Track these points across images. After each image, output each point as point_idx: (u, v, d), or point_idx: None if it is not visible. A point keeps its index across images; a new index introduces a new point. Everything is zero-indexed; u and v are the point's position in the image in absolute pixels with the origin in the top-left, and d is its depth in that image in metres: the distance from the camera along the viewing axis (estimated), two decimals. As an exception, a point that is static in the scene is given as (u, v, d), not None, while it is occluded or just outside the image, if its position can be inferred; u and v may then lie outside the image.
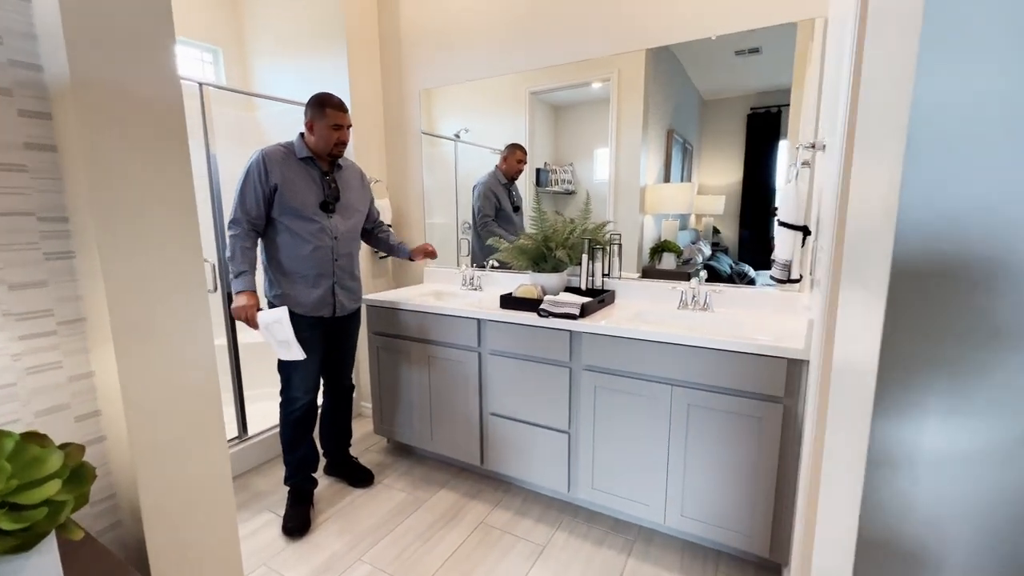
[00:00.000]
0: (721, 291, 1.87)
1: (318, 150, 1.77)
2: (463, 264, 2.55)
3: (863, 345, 0.45)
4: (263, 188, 1.71)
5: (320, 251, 1.79)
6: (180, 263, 0.82)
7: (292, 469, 1.90)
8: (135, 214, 0.76)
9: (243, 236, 1.74)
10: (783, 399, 1.40)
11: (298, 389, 1.85)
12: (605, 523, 1.82)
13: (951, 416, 0.37)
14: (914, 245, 0.36)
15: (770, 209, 1.90)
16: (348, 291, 1.91)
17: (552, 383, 1.79)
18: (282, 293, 1.80)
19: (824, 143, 1.35)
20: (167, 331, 0.81)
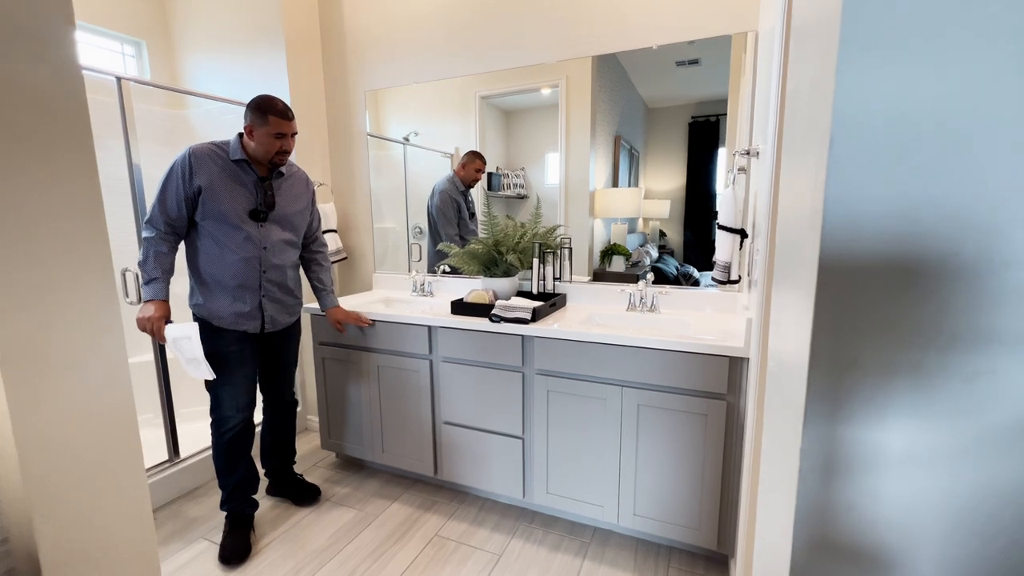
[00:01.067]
0: (667, 293, 1.93)
1: (256, 156, 1.64)
2: (414, 270, 2.49)
3: (794, 344, 0.46)
4: (186, 189, 1.58)
5: (246, 262, 1.65)
6: (85, 276, 0.74)
7: (228, 493, 1.76)
8: (28, 222, 0.68)
9: (158, 240, 1.59)
10: (726, 396, 1.45)
11: (229, 408, 1.72)
12: (561, 527, 1.82)
13: (880, 414, 0.38)
14: (838, 247, 0.37)
15: (711, 213, 1.98)
16: (280, 304, 1.77)
17: (505, 389, 1.77)
18: (202, 304, 1.67)
19: (758, 150, 1.41)
20: (69, 352, 0.72)
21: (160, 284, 1.59)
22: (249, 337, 1.73)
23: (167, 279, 1.62)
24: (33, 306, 0.69)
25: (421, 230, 2.54)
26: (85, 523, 0.75)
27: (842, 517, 0.40)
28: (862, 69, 0.35)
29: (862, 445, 0.39)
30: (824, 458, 0.40)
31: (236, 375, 1.71)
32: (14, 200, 0.67)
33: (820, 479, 0.40)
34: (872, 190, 0.35)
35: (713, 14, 1.77)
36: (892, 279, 0.35)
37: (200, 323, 1.65)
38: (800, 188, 0.49)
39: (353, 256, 2.68)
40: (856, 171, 0.36)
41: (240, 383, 1.73)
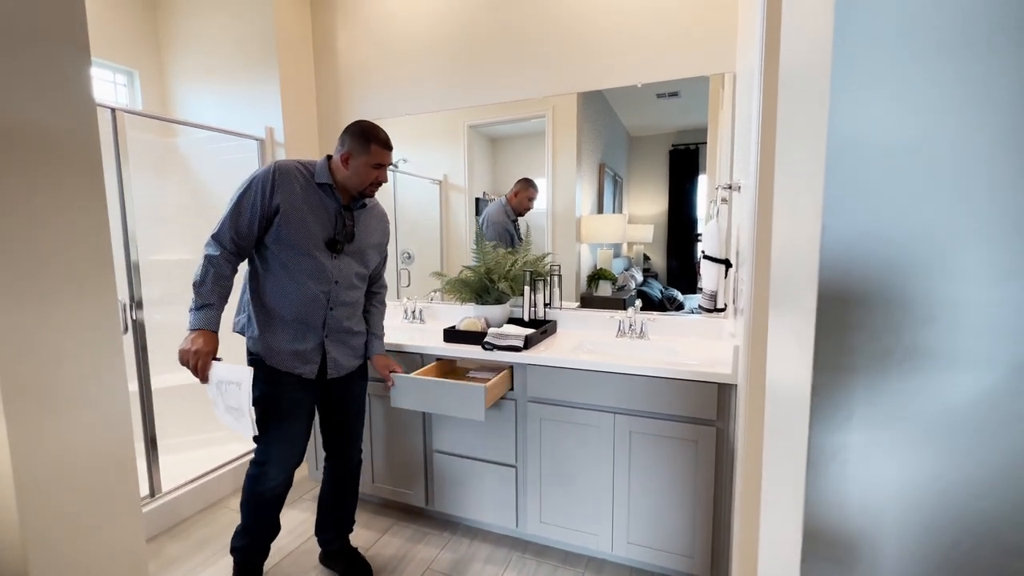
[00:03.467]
0: (655, 319, 1.97)
1: (347, 184, 1.50)
2: (404, 296, 2.50)
3: (795, 370, 0.49)
4: (263, 206, 1.42)
5: (313, 295, 1.48)
6: (92, 314, 0.74)
7: (244, 543, 1.57)
8: (38, 262, 0.68)
9: (222, 260, 1.40)
10: (716, 422, 1.49)
11: (276, 467, 1.50)
12: (555, 557, 1.81)
13: (883, 434, 0.41)
14: (836, 275, 0.41)
15: (693, 235, 2.06)
16: (344, 347, 1.59)
17: (498, 416, 1.78)
18: (257, 337, 1.48)
19: (740, 184, 1.49)
20: (73, 392, 0.72)
21: (214, 312, 1.39)
22: (307, 383, 1.53)
23: (221, 307, 1.42)
24: (39, 346, 0.69)
25: (410, 256, 2.56)
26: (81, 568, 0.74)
27: (849, 549, 0.43)
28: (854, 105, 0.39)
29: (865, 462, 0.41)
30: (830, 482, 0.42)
31: (291, 428, 1.52)
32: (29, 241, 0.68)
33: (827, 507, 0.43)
34: (862, 221, 0.39)
35: (693, 56, 1.87)
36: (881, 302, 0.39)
37: (254, 362, 1.48)
38: (796, 219, 0.53)
39: (343, 283, 2.68)
40: (848, 203, 0.40)
41: (294, 438, 1.53)
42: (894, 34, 0.38)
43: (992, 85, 0.36)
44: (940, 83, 0.37)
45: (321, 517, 1.73)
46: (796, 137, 0.55)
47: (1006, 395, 0.38)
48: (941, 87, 0.37)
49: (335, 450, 1.68)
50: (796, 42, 0.58)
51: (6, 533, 0.69)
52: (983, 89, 0.36)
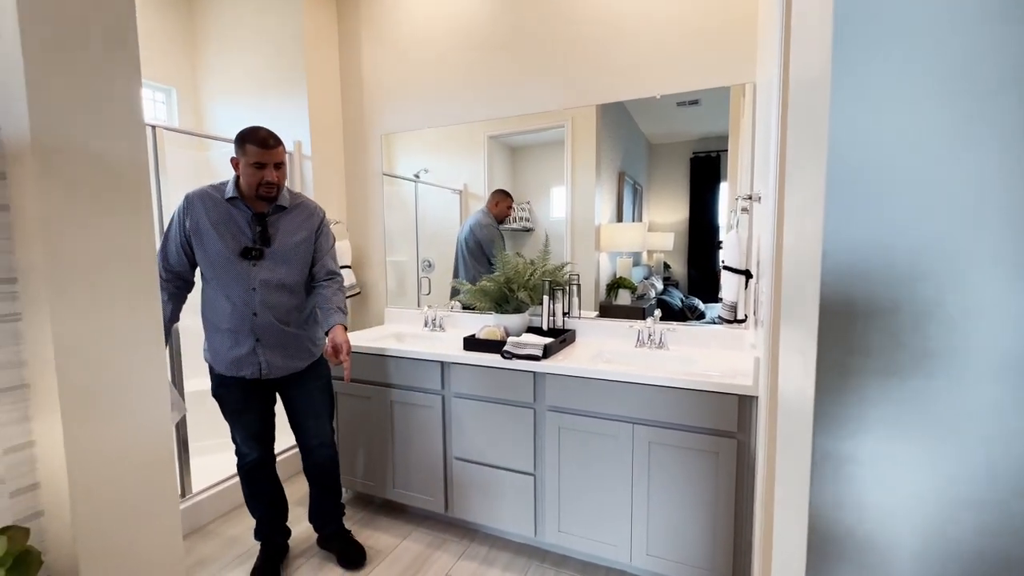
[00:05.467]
0: (674, 329, 1.97)
1: (245, 191, 1.58)
2: (425, 304, 2.54)
3: (800, 383, 0.50)
4: (182, 234, 1.58)
5: (235, 304, 1.58)
6: (137, 324, 0.80)
7: (257, 522, 1.81)
8: (92, 275, 0.74)
9: (161, 288, 1.55)
10: (736, 434, 1.47)
11: (244, 446, 1.74)
12: (573, 567, 1.81)
13: (887, 446, 0.42)
14: (838, 285, 0.42)
15: (714, 244, 2.05)
16: (280, 350, 1.65)
17: (517, 425, 1.79)
18: (206, 348, 1.67)
19: (760, 195, 1.48)
20: (120, 395, 0.77)
21: None
22: (250, 384, 1.66)
23: (166, 328, 1.57)
24: (94, 353, 0.74)
25: (430, 264, 2.61)
26: (125, 561, 0.78)
27: (854, 556, 0.44)
28: (854, 119, 0.41)
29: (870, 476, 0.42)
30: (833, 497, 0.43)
31: (243, 419, 1.70)
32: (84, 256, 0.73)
33: (831, 524, 0.44)
34: (862, 232, 0.41)
35: (713, 67, 1.88)
36: (882, 312, 0.40)
37: (210, 368, 1.68)
38: (800, 230, 0.54)
39: (366, 291, 2.75)
40: (849, 215, 0.41)
41: (247, 425, 1.71)
42: (892, 44, 0.40)
43: (992, 96, 0.37)
44: (941, 94, 0.38)
45: (309, 506, 1.90)
46: (802, 148, 0.56)
47: (1013, 403, 0.38)
48: (942, 98, 0.38)
49: (300, 444, 1.83)
50: (802, 55, 0.59)
51: (59, 526, 0.74)
52: (986, 103, 0.37)
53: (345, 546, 1.85)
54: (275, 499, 1.81)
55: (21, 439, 0.74)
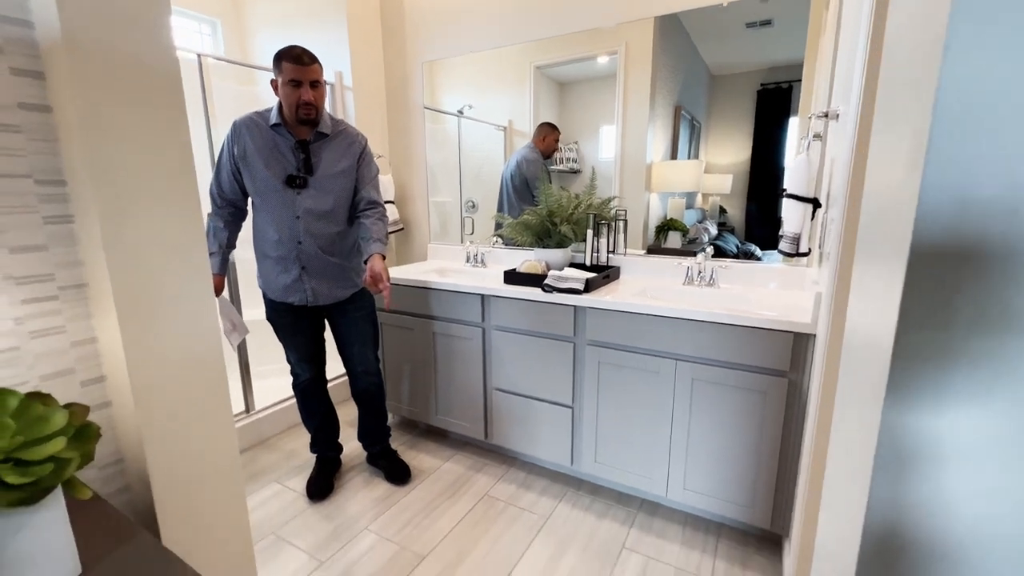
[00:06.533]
0: (728, 267, 1.85)
1: (287, 115, 1.56)
2: (467, 241, 2.53)
3: (877, 324, 0.44)
4: (231, 163, 1.60)
5: (282, 232, 1.62)
6: (180, 230, 0.81)
7: (312, 436, 1.95)
8: (133, 177, 0.75)
9: (214, 216, 1.65)
10: (788, 373, 1.40)
11: (297, 367, 1.84)
12: (608, 496, 1.84)
13: (969, 405, 0.35)
14: (936, 225, 0.35)
15: (778, 189, 1.87)
16: (326, 278, 1.70)
17: (556, 358, 1.79)
18: (259, 275, 1.73)
19: (838, 112, 1.31)
20: (169, 298, 0.80)
21: (216, 259, 1.65)
22: (299, 309, 1.73)
23: (223, 253, 1.67)
24: (142, 257, 0.77)
25: (474, 204, 2.56)
26: (184, 450, 0.85)
27: (917, 510, 0.38)
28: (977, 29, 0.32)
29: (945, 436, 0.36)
30: (903, 448, 0.38)
31: (294, 341, 1.79)
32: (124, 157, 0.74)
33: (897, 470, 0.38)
34: (978, 168, 0.33)
35: (793, -36, 1.63)
36: (990, 264, 0.33)
37: (263, 294, 1.75)
38: (893, 157, 0.45)
39: (409, 227, 2.76)
40: (961, 146, 0.33)
41: (299, 347, 1.80)
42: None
43: None
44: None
45: (358, 427, 2.00)
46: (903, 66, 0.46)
47: None
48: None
49: (347, 370, 1.90)
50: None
51: (125, 414, 0.80)
52: None
53: (391, 464, 1.97)
54: (327, 417, 1.93)
55: (86, 335, 0.80)
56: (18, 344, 0.72)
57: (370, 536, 1.64)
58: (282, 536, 1.65)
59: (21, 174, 0.71)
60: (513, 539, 1.62)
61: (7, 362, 0.71)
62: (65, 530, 0.54)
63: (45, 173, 0.73)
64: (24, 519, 0.51)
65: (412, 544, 1.60)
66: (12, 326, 0.72)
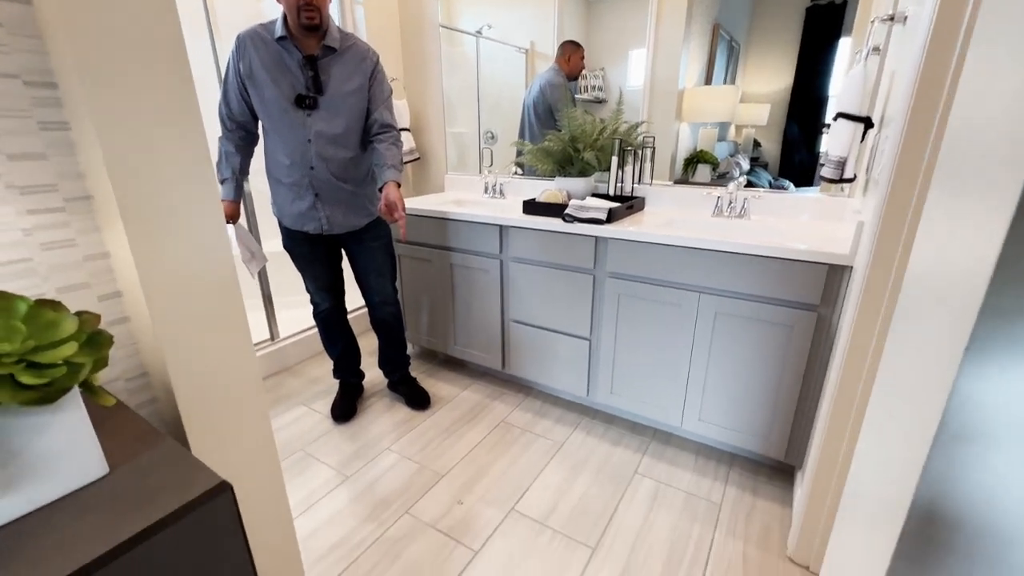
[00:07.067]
0: (761, 197, 1.74)
1: (291, 25, 1.45)
2: (485, 171, 2.44)
3: (960, 270, 0.37)
4: (238, 79, 1.50)
5: (293, 156, 1.55)
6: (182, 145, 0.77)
7: (334, 363, 1.99)
8: (124, 77, 0.70)
9: (224, 140, 1.58)
10: (818, 307, 1.34)
11: (314, 295, 1.84)
12: (622, 426, 1.88)
13: None
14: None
15: (820, 120, 1.72)
16: (340, 205, 1.65)
17: (575, 290, 1.76)
18: (273, 200, 1.68)
19: (906, 14, 1.15)
20: (176, 211, 0.78)
21: (229, 185, 1.60)
22: (315, 238, 1.70)
23: (236, 179, 1.61)
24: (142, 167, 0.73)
25: (493, 135, 2.44)
26: (204, 362, 0.86)
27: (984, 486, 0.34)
28: None
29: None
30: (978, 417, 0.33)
31: (312, 270, 1.77)
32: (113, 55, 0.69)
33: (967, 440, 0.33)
34: None
35: None
36: None
37: (278, 222, 1.72)
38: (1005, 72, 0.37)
39: (426, 157, 2.66)
40: None
41: (317, 276, 1.78)
42: None
43: None
44: None
45: (378, 355, 2.04)
46: None
47: None
48: None
49: (365, 300, 1.90)
50: None
51: (144, 329, 0.81)
52: None
53: (411, 390, 2.03)
54: (348, 345, 1.96)
55: (97, 249, 0.78)
56: (30, 256, 0.71)
57: (392, 455, 1.72)
58: (310, 453, 1.74)
59: (9, 73, 0.67)
60: (529, 462, 1.68)
61: (22, 273, 0.71)
62: (88, 432, 0.55)
63: (34, 74, 0.69)
64: (46, 420, 0.52)
65: (432, 464, 1.68)
66: (21, 237, 0.70)
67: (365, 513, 1.47)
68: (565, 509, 1.48)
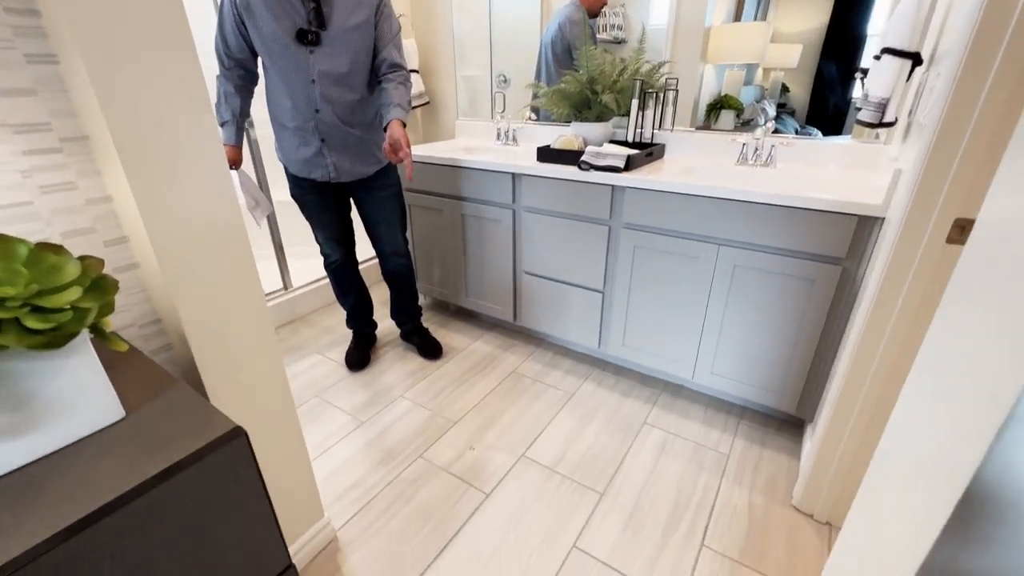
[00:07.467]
0: (789, 143, 1.65)
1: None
2: (497, 117, 2.33)
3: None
4: (234, 11, 1.41)
5: (297, 98, 1.48)
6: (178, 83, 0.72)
7: (347, 314, 2.00)
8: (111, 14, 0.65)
9: (223, 79, 1.50)
10: (843, 261, 1.29)
11: (324, 246, 1.81)
12: (633, 377, 1.89)
13: None
14: None
15: (854, 64, 1.59)
16: (344, 152, 1.59)
17: (589, 242, 1.71)
18: (278, 147, 1.62)
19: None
20: (176, 153, 0.75)
21: (230, 129, 1.53)
22: (322, 186, 1.65)
23: (237, 122, 1.54)
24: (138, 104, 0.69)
25: (505, 78, 2.31)
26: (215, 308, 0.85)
27: None
28: None
29: None
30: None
31: (320, 219, 1.73)
32: None
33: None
34: None
35: None
36: None
37: (285, 169, 1.66)
38: None
39: (435, 101, 2.55)
40: None
41: (326, 226, 1.74)
42: None
43: None
44: None
45: (390, 306, 2.04)
46: None
47: None
48: None
49: (376, 251, 1.87)
50: None
51: (153, 275, 0.80)
52: None
53: (424, 340, 2.05)
54: (360, 296, 1.96)
55: (99, 192, 0.76)
56: (30, 199, 0.69)
57: (405, 402, 1.76)
58: (325, 399, 1.79)
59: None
60: (539, 411, 1.71)
61: (23, 216, 0.69)
62: (100, 377, 0.55)
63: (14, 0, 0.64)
64: (57, 364, 0.51)
65: (444, 411, 1.71)
66: (19, 179, 0.68)
67: (380, 456, 1.52)
68: (574, 456, 1.51)
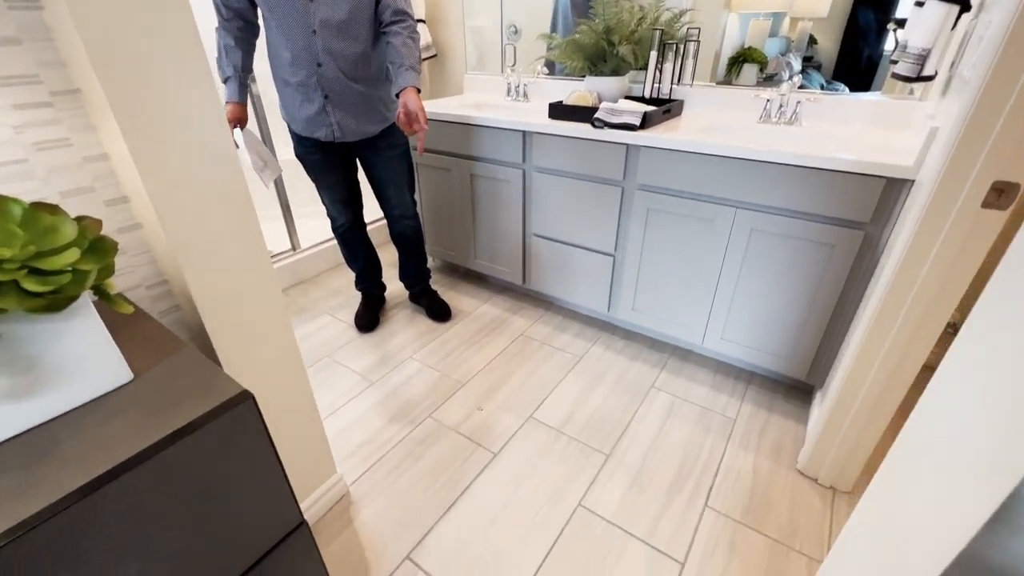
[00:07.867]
0: (816, 99, 1.56)
1: None
2: (507, 71, 2.23)
3: None
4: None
5: (298, 51, 1.41)
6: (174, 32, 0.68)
7: (356, 276, 2.00)
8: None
9: (223, 28, 1.43)
10: (866, 225, 1.24)
11: (333, 208, 1.78)
12: (642, 342, 1.88)
13: None
14: None
15: (889, 15, 1.47)
16: (349, 110, 1.52)
17: (601, 204, 1.66)
18: (281, 104, 1.56)
19: None
20: (172, 109, 0.71)
21: (233, 84, 1.48)
22: (327, 146, 1.60)
23: (239, 78, 1.49)
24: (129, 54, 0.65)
25: (516, 29, 2.18)
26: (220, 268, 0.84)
27: None
28: None
29: None
30: None
31: (326, 180, 1.69)
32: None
33: None
34: None
35: None
36: None
37: (289, 128, 1.61)
38: None
39: (443, 54, 2.44)
40: None
41: (332, 187, 1.71)
42: None
43: None
44: None
45: (399, 268, 2.03)
46: None
47: None
48: None
49: (384, 213, 1.85)
50: None
51: (156, 235, 0.78)
52: None
53: (432, 302, 2.04)
54: (369, 258, 1.95)
55: (95, 150, 0.74)
56: (25, 156, 0.67)
57: (415, 363, 1.78)
58: (335, 359, 1.81)
59: (-41, -65, 0.58)
60: (547, 373, 1.72)
61: (18, 175, 0.67)
62: (105, 339, 0.55)
63: (-12, -64, 0.59)
64: (60, 327, 0.51)
65: (453, 372, 1.73)
66: (12, 135, 0.66)
67: (390, 415, 1.54)
68: (582, 418, 1.53)
